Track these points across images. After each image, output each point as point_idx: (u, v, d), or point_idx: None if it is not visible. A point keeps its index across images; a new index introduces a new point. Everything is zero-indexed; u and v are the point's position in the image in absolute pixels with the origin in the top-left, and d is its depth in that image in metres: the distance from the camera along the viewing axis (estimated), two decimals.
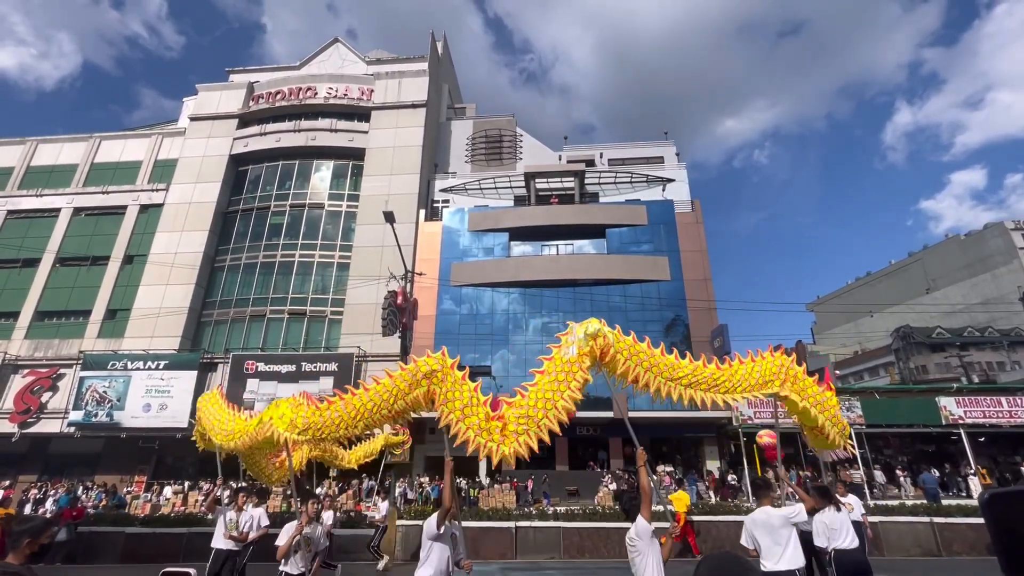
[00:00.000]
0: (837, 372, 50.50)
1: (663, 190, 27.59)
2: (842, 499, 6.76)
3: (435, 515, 4.51)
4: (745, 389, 5.06)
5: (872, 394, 21.24)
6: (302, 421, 4.95)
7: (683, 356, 5.06)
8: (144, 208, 28.04)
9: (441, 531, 4.42)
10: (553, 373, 4.66)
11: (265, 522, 6.99)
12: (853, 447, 8.30)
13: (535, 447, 4.50)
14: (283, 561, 4.88)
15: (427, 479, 19.84)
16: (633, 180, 28.43)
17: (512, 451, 4.40)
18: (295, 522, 5.08)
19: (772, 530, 4.58)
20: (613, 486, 18.75)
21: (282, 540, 4.89)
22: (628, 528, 4.19)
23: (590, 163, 30.11)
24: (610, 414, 19.94)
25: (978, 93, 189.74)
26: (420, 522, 11.64)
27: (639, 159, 30.08)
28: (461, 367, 4.91)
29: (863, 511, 7.95)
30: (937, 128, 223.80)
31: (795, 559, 4.50)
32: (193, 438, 8.08)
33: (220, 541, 6.56)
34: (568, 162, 30.06)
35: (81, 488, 20.42)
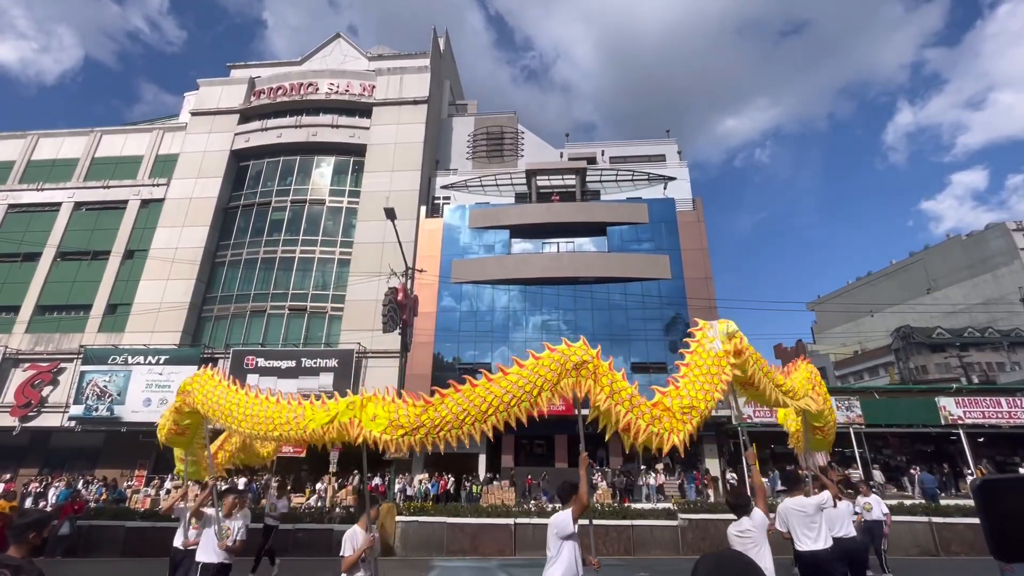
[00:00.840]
0: (837, 372, 50.58)
1: (664, 188, 27.55)
2: (865, 498, 7.11)
3: (568, 511, 4.27)
4: (799, 396, 5.42)
5: (872, 394, 21.26)
6: (409, 420, 4.39)
7: (683, 355, 5.19)
8: (145, 203, 28.04)
9: (576, 528, 4.24)
10: (704, 366, 4.75)
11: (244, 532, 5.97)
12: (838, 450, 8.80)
13: (694, 433, 4.66)
14: (348, 573, 4.36)
15: (426, 476, 19.88)
16: (635, 178, 28.39)
17: (682, 438, 4.50)
18: (357, 530, 4.49)
19: (807, 516, 5.26)
20: (603, 484, 18.85)
21: (347, 551, 4.36)
22: (627, 526, 4.28)
23: (592, 161, 30.07)
24: None
25: (980, 93, 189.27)
26: (420, 519, 11.70)
27: (641, 157, 30.04)
28: (461, 364, 4.90)
29: (884, 511, 7.93)
30: (938, 128, 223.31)
31: (828, 539, 5.24)
32: (163, 429, 6.62)
33: (210, 553, 5.57)
34: (570, 159, 30.01)
35: (82, 482, 20.50)
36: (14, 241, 27.05)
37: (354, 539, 4.47)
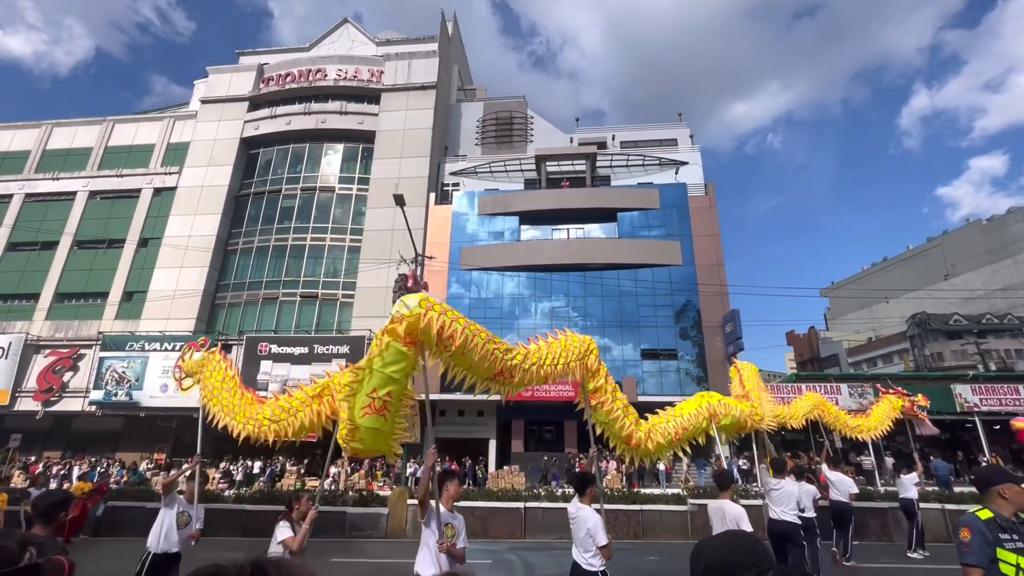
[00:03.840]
0: (850, 359, 50.03)
1: (676, 173, 27.16)
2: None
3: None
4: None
5: (885, 381, 21.01)
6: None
7: (696, 342, 5.19)
8: (158, 191, 28.31)
9: None
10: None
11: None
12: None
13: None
14: None
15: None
16: (646, 163, 28.01)
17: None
18: (734, 505, 4.63)
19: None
20: (613, 469, 18.93)
21: (721, 526, 4.41)
22: (636, 511, 4.38)
23: (602, 146, 29.69)
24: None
25: (999, 76, 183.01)
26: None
27: (652, 141, 29.60)
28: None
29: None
30: (955, 112, 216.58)
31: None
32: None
33: (165, 540, 5.11)
34: (580, 144, 29.67)
35: (106, 464, 21.13)
36: (32, 230, 27.52)
37: (722, 511, 4.71)
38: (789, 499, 6.46)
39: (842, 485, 8.54)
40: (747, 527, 4.52)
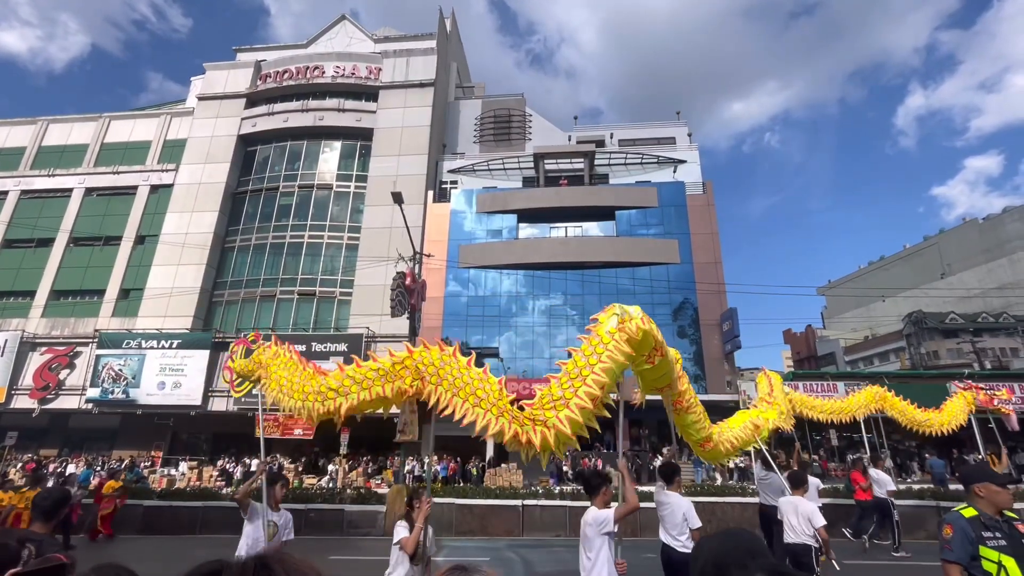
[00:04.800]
0: (847, 357, 50.24)
1: (674, 171, 27.18)
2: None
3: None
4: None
5: (881, 379, 21.10)
6: None
7: (694, 340, 5.20)
8: (155, 188, 28.20)
9: None
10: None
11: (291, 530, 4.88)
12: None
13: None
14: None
15: (436, 458, 20.16)
16: (644, 161, 28.01)
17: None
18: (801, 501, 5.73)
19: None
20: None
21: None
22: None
23: (600, 144, 29.68)
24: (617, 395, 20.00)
25: (995, 76, 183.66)
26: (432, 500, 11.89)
27: (650, 140, 29.60)
28: (467, 349, 4.83)
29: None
30: (950, 111, 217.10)
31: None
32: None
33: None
34: (578, 142, 29.64)
35: (101, 462, 21.10)
36: (28, 227, 27.40)
37: (795, 505, 5.45)
38: (775, 489, 7.28)
39: (883, 482, 9.29)
40: (819, 521, 5.23)
